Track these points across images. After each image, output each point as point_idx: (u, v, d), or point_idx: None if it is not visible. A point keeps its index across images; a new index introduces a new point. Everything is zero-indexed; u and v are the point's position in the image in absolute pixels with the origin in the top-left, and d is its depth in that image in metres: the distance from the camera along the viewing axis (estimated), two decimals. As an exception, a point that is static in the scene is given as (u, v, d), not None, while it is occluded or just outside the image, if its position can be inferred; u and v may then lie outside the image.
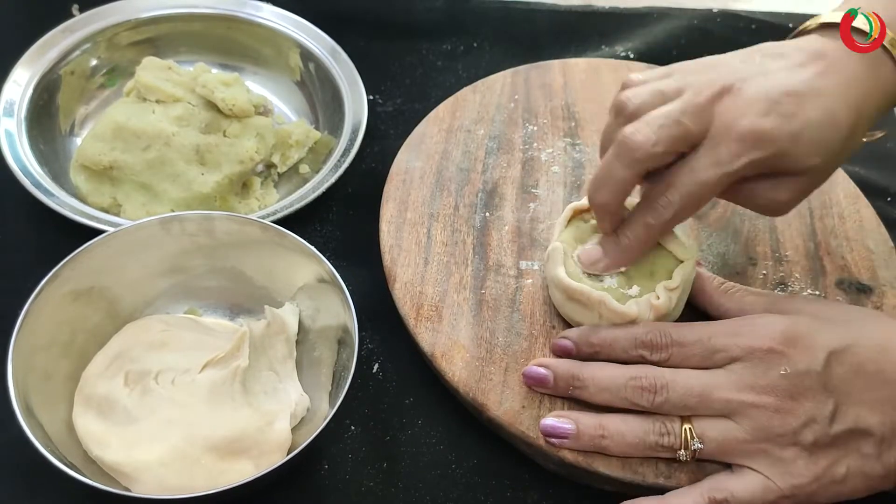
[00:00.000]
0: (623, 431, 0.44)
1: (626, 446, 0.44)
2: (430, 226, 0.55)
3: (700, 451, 0.43)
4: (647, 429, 0.43)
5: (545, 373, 0.46)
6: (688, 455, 0.43)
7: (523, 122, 0.63)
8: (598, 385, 0.45)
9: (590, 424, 0.44)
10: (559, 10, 0.78)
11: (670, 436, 0.43)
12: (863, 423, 0.42)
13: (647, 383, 0.43)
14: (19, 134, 0.58)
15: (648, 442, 0.43)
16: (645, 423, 0.44)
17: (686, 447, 0.43)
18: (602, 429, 0.44)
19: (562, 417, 0.45)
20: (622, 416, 0.44)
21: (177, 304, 0.52)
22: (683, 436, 0.43)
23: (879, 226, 0.58)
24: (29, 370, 0.43)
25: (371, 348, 0.53)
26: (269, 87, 0.68)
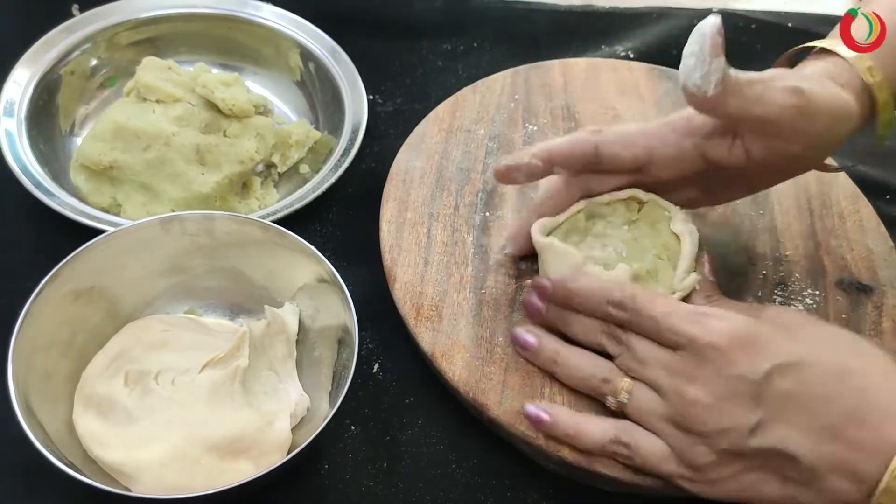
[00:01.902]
0: (574, 364, 0.46)
1: (572, 378, 0.46)
2: (430, 226, 0.55)
3: (624, 405, 0.44)
4: (595, 371, 0.46)
5: (539, 305, 0.48)
6: (614, 403, 0.45)
7: (523, 122, 0.63)
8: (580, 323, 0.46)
9: (549, 346, 0.47)
10: (559, 10, 0.78)
11: (609, 384, 0.45)
12: (788, 446, 0.39)
13: (618, 334, 0.45)
14: (19, 134, 0.58)
15: (591, 383, 0.46)
16: (596, 365, 0.46)
17: (615, 394, 0.45)
18: (557, 354, 0.47)
19: (529, 332, 0.48)
20: (580, 351, 0.47)
21: (177, 304, 0.52)
22: (619, 387, 0.44)
23: (879, 225, 0.58)
24: (29, 370, 0.43)
25: (371, 348, 0.53)
26: (269, 87, 0.68)
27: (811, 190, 0.60)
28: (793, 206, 0.59)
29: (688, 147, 0.47)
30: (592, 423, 0.45)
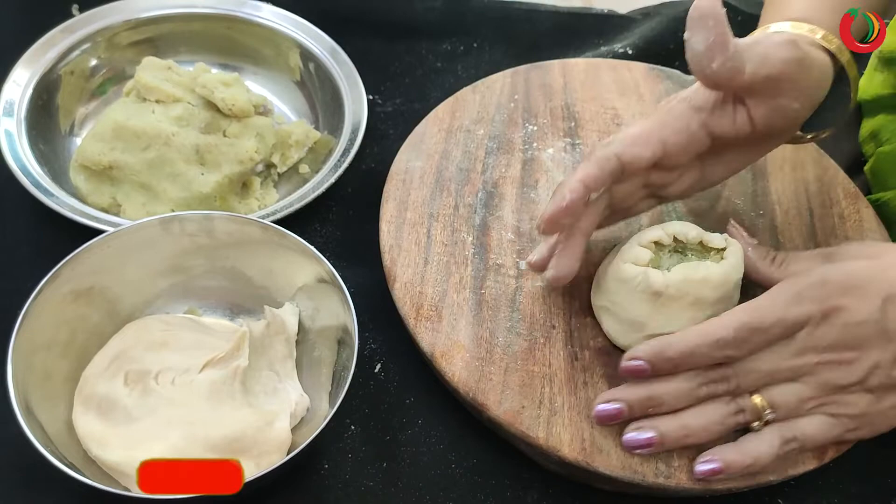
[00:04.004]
0: (704, 425, 0.44)
1: (710, 435, 0.45)
2: (429, 226, 0.55)
3: (772, 419, 0.44)
4: (723, 413, 0.44)
5: (619, 407, 0.45)
6: (761, 425, 0.45)
7: (523, 122, 0.63)
8: (674, 397, 0.45)
9: (672, 427, 0.44)
10: (559, 10, 0.79)
11: (745, 413, 0.44)
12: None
13: (719, 375, 0.44)
14: (19, 134, 0.58)
15: (728, 425, 0.45)
16: (720, 408, 0.44)
17: (759, 418, 0.44)
18: (685, 428, 0.44)
19: (642, 429, 0.45)
20: (696, 410, 0.45)
21: (177, 304, 0.52)
22: (756, 409, 0.44)
23: (879, 226, 0.58)
24: (29, 370, 0.43)
25: (374, 348, 0.53)
26: (269, 87, 0.68)
27: (811, 190, 0.60)
28: (793, 206, 0.59)
29: (695, 128, 0.47)
30: (757, 444, 0.44)
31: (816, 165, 0.61)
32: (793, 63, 0.45)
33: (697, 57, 0.43)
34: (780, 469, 0.45)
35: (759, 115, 0.47)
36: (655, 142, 0.47)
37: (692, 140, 0.48)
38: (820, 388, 0.44)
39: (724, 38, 0.43)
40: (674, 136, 0.47)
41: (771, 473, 0.45)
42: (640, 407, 0.45)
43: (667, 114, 0.48)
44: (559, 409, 0.47)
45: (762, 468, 0.44)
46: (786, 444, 0.44)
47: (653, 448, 0.44)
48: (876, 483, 0.50)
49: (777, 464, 0.45)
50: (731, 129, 0.47)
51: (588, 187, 0.47)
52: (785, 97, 0.46)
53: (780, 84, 0.45)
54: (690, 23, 0.43)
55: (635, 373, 0.45)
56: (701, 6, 0.42)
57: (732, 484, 0.45)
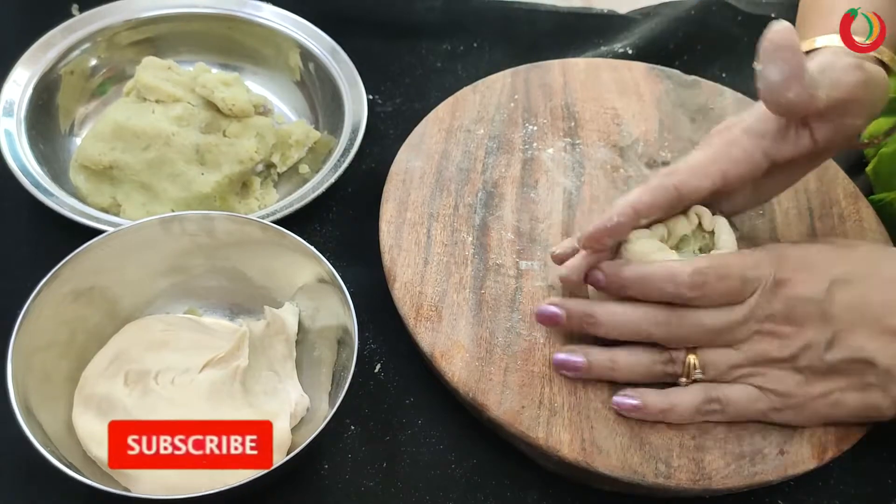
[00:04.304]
0: (632, 363, 0.46)
1: (633, 375, 0.46)
2: (429, 226, 0.55)
3: (700, 378, 0.45)
4: (654, 359, 0.46)
5: (557, 311, 0.47)
6: (688, 382, 0.46)
7: (523, 121, 0.63)
8: (613, 322, 0.46)
9: (600, 358, 0.46)
10: (559, 10, 0.79)
11: (675, 364, 0.46)
12: (864, 354, 0.43)
13: (662, 318, 0.45)
14: (19, 134, 0.58)
15: (655, 371, 0.46)
16: (652, 354, 0.46)
17: (687, 375, 0.45)
18: (612, 362, 0.46)
19: (573, 352, 0.47)
20: (629, 348, 0.46)
21: (177, 304, 0.52)
22: (687, 364, 0.45)
23: (879, 225, 0.58)
24: (29, 370, 0.43)
25: (374, 348, 0.53)
26: (269, 87, 0.68)
27: (811, 190, 0.60)
28: (793, 206, 0.59)
29: (757, 158, 0.47)
30: (680, 393, 0.45)
31: (816, 165, 0.61)
32: (861, 85, 0.46)
33: (773, 87, 0.43)
34: (780, 469, 0.45)
35: (821, 135, 0.47)
36: (716, 173, 0.47)
37: (752, 169, 0.47)
38: (751, 357, 0.45)
39: (800, 69, 0.43)
40: (734, 167, 0.47)
41: (771, 473, 0.45)
42: (577, 317, 0.47)
43: (728, 145, 0.47)
44: (559, 409, 0.47)
45: (677, 418, 0.46)
46: (708, 402, 0.45)
47: (579, 373, 0.47)
48: (876, 483, 0.50)
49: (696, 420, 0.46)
50: (793, 150, 0.47)
51: (638, 214, 0.47)
52: (851, 117, 0.47)
53: (847, 106, 0.46)
54: (765, 54, 0.43)
55: (590, 282, 0.47)
56: (775, 38, 0.42)
57: (731, 483, 0.45)
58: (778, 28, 0.42)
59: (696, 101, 0.65)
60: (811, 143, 0.47)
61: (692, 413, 0.45)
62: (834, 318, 0.44)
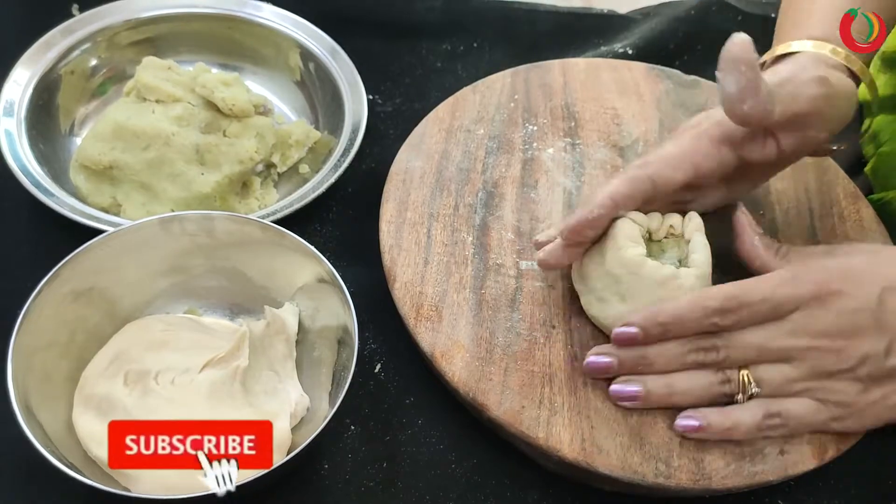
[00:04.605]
0: (690, 387, 0.46)
1: (693, 399, 0.46)
2: (430, 226, 0.55)
3: (757, 394, 0.45)
4: (710, 380, 0.46)
5: (609, 361, 0.47)
6: (745, 399, 0.45)
7: (523, 121, 0.63)
8: (665, 359, 0.46)
9: (658, 385, 0.46)
10: (559, 10, 0.79)
11: (731, 383, 0.45)
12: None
13: (709, 344, 0.45)
14: (19, 134, 0.58)
15: (712, 392, 0.46)
16: (707, 376, 0.46)
17: (744, 391, 0.45)
18: (670, 387, 0.46)
19: (629, 381, 0.46)
20: (683, 373, 0.46)
21: (177, 304, 0.52)
22: (741, 382, 0.45)
23: (879, 226, 0.58)
24: (29, 370, 0.43)
25: (374, 348, 0.53)
26: (269, 87, 0.68)
27: (811, 190, 0.60)
28: (793, 206, 0.59)
29: (725, 153, 0.48)
30: (740, 410, 0.45)
31: (816, 165, 0.61)
32: (821, 98, 0.46)
33: (729, 98, 0.44)
34: (780, 469, 0.45)
35: (787, 144, 0.48)
36: (688, 166, 0.48)
37: (722, 164, 0.49)
38: (809, 372, 0.45)
39: (756, 82, 0.43)
40: (705, 161, 0.48)
41: (771, 473, 0.45)
42: (631, 364, 0.46)
43: (699, 138, 0.49)
44: (559, 409, 0.47)
45: (742, 435, 0.45)
46: (769, 417, 0.45)
47: (637, 402, 0.46)
48: (876, 483, 0.50)
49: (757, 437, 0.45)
50: (760, 155, 0.48)
51: (617, 204, 0.48)
52: (813, 129, 0.48)
53: (808, 119, 0.47)
54: (723, 64, 0.43)
55: (628, 340, 0.46)
56: (732, 50, 0.43)
57: (731, 483, 0.45)
58: (736, 41, 0.43)
59: (696, 101, 0.65)
60: (777, 151, 0.48)
61: (754, 429, 0.45)
62: (889, 326, 0.44)
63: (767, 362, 0.45)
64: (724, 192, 0.52)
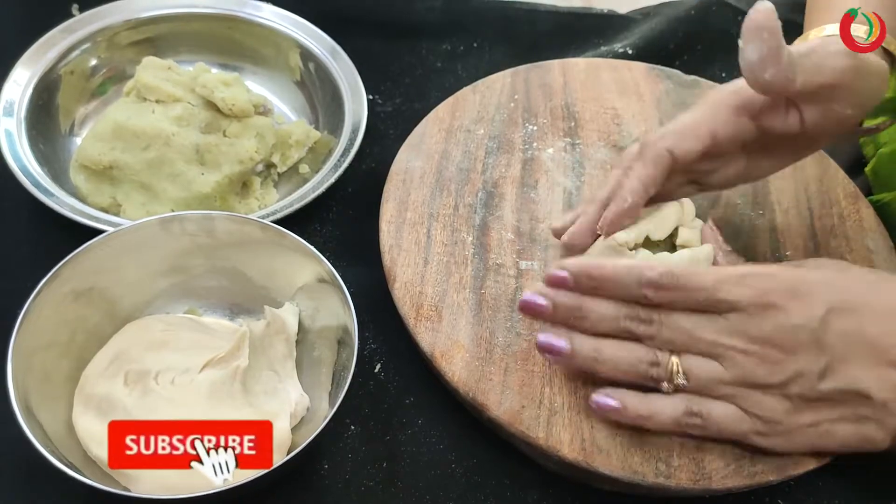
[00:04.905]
0: (617, 357, 0.44)
1: (617, 371, 0.44)
2: (429, 226, 0.55)
3: (683, 386, 0.43)
4: (639, 356, 0.44)
5: (544, 303, 0.44)
6: (670, 388, 0.44)
7: (523, 121, 0.63)
8: (599, 315, 0.44)
9: (585, 345, 0.44)
10: (559, 11, 0.79)
11: (659, 367, 0.43)
12: (859, 385, 0.42)
13: (645, 315, 0.43)
14: (19, 134, 0.58)
15: (639, 370, 0.44)
16: (638, 350, 0.44)
17: (670, 380, 0.43)
18: (597, 352, 0.44)
19: (558, 335, 0.44)
20: (618, 342, 0.44)
21: (177, 304, 0.52)
22: (670, 369, 0.43)
23: (879, 225, 0.58)
24: (29, 370, 0.43)
25: (374, 348, 0.53)
26: (269, 87, 0.68)
27: (811, 190, 0.60)
28: (793, 206, 0.59)
29: (744, 122, 0.47)
30: (661, 401, 0.44)
31: (816, 165, 0.61)
32: (848, 72, 0.45)
33: (751, 66, 0.43)
34: (780, 469, 0.45)
35: (810, 118, 0.47)
36: (706, 134, 0.47)
37: (741, 131, 0.48)
38: (737, 377, 0.43)
39: (778, 50, 0.43)
40: (723, 128, 0.47)
41: (771, 473, 0.45)
42: (564, 311, 0.44)
43: (717, 104, 0.48)
44: (559, 409, 0.47)
45: (656, 426, 0.44)
46: (689, 414, 0.43)
47: (560, 357, 0.44)
48: (876, 483, 0.50)
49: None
50: (782, 126, 0.47)
51: (647, 189, 0.48)
52: (838, 103, 0.46)
53: (834, 91, 0.46)
54: (745, 33, 0.43)
55: (558, 281, 0.44)
56: (756, 18, 0.42)
57: (731, 483, 0.45)
58: (760, 8, 0.42)
59: (696, 101, 0.65)
60: (800, 124, 0.47)
61: (672, 423, 0.44)
62: (828, 347, 0.42)
63: (698, 354, 0.43)
64: (744, 165, 0.50)
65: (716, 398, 0.44)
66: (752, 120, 0.47)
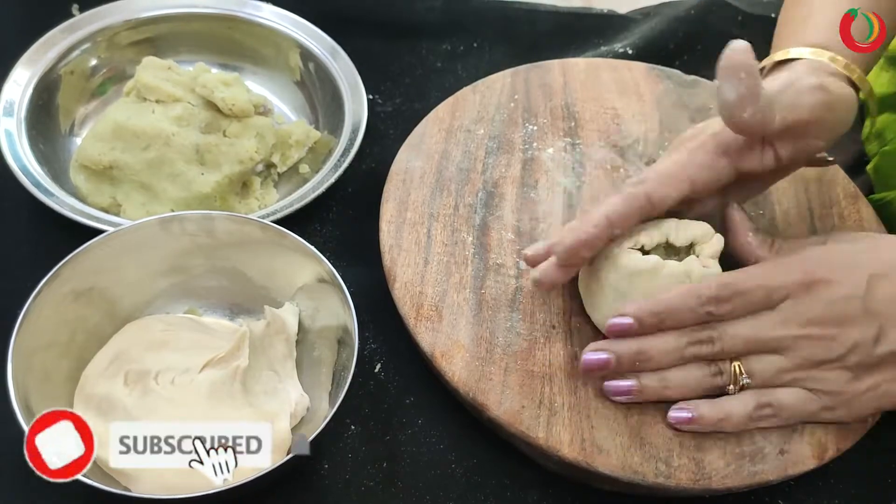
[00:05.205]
0: (684, 380, 0.46)
1: (687, 392, 0.46)
2: (430, 226, 0.55)
3: (748, 385, 0.45)
4: (703, 373, 0.46)
5: (607, 357, 0.46)
6: (736, 389, 0.46)
7: (523, 121, 0.63)
8: (662, 352, 0.45)
9: (652, 381, 0.46)
10: (559, 11, 0.79)
11: (723, 375, 0.46)
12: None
13: (705, 336, 0.45)
14: (19, 134, 0.58)
15: (705, 385, 0.46)
16: (701, 368, 0.46)
17: (735, 382, 0.45)
18: (664, 381, 0.46)
19: (624, 377, 0.46)
20: (677, 367, 0.46)
21: (177, 304, 0.52)
22: (733, 373, 0.45)
23: (879, 226, 0.58)
24: (29, 370, 0.43)
25: (374, 348, 0.53)
26: (269, 87, 0.68)
27: (811, 190, 0.60)
28: (793, 206, 0.59)
29: (722, 165, 0.48)
30: (732, 401, 0.45)
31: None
32: (819, 107, 0.46)
33: (728, 106, 0.44)
34: (780, 469, 0.45)
35: (785, 153, 0.48)
36: (684, 181, 0.48)
37: (719, 177, 0.48)
38: (799, 361, 0.45)
39: (755, 90, 0.43)
40: (701, 174, 0.48)
41: (771, 473, 0.45)
42: (629, 360, 0.46)
43: (696, 150, 0.48)
44: (559, 409, 0.47)
45: (732, 427, 0.45)
46: (760, 408, 0.45)
47: (632, 396, 0.46)
48: (876, 483, 0.50)
49: (749, 426, 0.46)
50: (759, 165, 0.48)
51: (612, 224, 0.47)
52: (811, 137, 0.47)
53: (807, 127, 0.47)
54: (721, 72, 0.43)
55: (623, 330, 0.45)
56: (732, 57, 0.42)
57: (731, 483, 0.45)
58: (735, 47, 0.42)
59: (696, 101, 0.65)
60: (775, 161, 0.48)
61: (746, 420, 0.45)
62: (877, 313, 0.44)
63: (759, 353, 0.45)
64: (719, 201, 0.51)
65: (781, 386, 0.45)
66: (731, 163, 0.48)
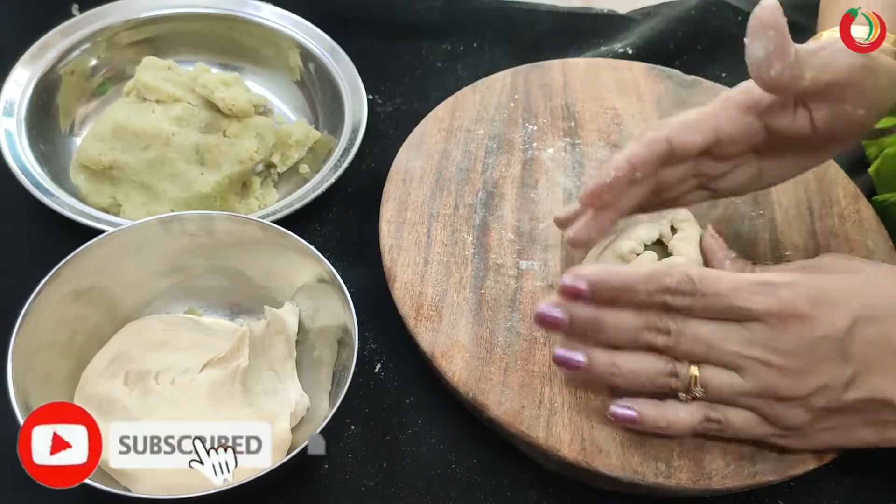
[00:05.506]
0: (635, 370, 0.43)
1: (634, 383, 0.44)
2: (430, 226, 0.55)
3: (700, 398, 0.43)
4: (657, 369, 0.43)
5: (560, 315, 0.43)
6: (688, 398, 0.43)
7: (523, 121, 0.63)
8: (617, 328, 0.43)
9: (602, 359, 0.43)
10: (559, 11, 0.79)
11: (678, 378, 0.43)
12: (884, 394, 0.42)
13: (663, 325, 0.43)
14: (19, 134, 0.58)
15: (657, 382, 0.43)
16: (656, 363, 0.43)
17: (687, 391, 0.43)
18: (614, 366, 0.43)
19: (575, 349, 0.44)
20: (631, 354, 0.43)
21: (177, 304, 0.52)
22: (688, 380, 0.43)
23: (879, 225, 0.58)
24: (29, 370, 0.43)
25: (374, 348, 0.53)
26: (269, 87, 0.68)
27: (811, 190, 0.60)
28: (793, 206, 0.59)
29: (751, 119, 0.46)
30: (679, 409, 0.43)
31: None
32: (858, 69, 0.44)
33: (756, 63, 0.43)
34: (780, 469, 0.45)
35: (820, 119, 0.46)
36: (708, 129, 0.46)
37: (747, 131, 0.46)
38: (759, 389, 0.42)
39: (784, 47, 0.42)
40: (728, 124, 0.46)
41: (771, 473, 0.45)
42: (581, 324, 0.43)
43: (725, 102, 0.47)
44: (559, 409, 0.47)
45: (675, 433, 0.44)
46: (707, 422, 0.43)
47: (578, 371, 0.44)
48: (876, 483, 0.50)
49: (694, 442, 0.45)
50: (790, 126, 0.46)
51: (634, 167, 0.46)
52: (849, 103, 0.45)
53: (844, 90, 0.45)
54: (751, 30, 0.42)
55: (573, 292, 0.43)
56: (761, 15, 0.42)
57: (731, 483, 0.45)
58: (765, 5, 0.42)
59: (696, 101, 0.65)
60: (810, 125, 0.46)
61: (688, 431, 0.44)
62: (853, 357, 0.41)
63: (718, 365, 0.43)
64: (755, 170, 0.49)
65: (734, 406, 0.43)
66: (760, 119, 0.46)
